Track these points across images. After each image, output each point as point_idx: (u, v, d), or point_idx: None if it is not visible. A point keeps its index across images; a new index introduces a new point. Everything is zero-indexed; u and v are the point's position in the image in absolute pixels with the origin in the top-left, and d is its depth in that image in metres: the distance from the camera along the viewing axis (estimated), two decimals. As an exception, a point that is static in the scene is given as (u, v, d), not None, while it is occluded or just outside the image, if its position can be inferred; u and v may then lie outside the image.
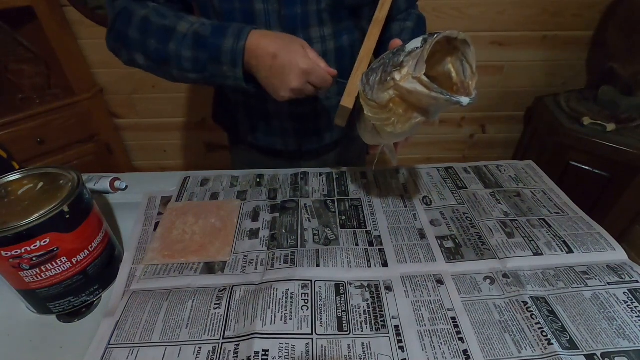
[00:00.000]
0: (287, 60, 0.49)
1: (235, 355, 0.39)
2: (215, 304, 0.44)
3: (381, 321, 0.42)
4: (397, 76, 0.38)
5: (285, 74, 0.49)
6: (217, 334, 0.41)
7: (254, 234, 0.55)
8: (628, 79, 1.23)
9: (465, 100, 0.36)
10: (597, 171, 1.22)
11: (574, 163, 1.25)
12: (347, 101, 0.50)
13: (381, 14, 0.55)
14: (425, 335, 0.41)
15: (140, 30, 0.54)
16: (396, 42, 0.50)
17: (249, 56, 0.50)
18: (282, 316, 0.42)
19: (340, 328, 0.42)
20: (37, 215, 0.39)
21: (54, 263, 0.42)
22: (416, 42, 0.38)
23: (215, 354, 0.40)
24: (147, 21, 0.54)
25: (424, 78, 0.36)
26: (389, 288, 0.46)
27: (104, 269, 0.48)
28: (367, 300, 0.45)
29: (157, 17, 0.54)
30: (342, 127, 0.55)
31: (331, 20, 0.60)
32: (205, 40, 0.51)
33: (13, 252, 0.39)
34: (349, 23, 0.63)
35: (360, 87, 0.46)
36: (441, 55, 0.40)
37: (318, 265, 0.49)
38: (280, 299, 0.44)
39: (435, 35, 0.36)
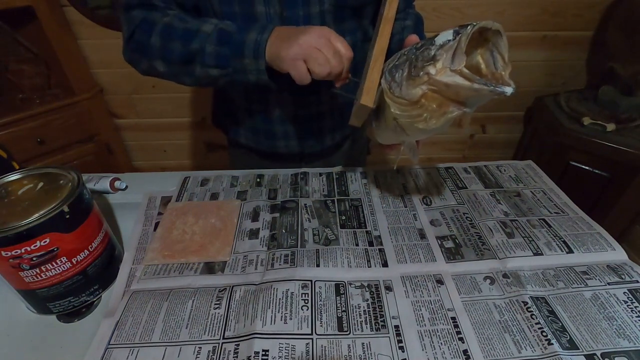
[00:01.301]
0: (304, 28, 0.48)
1: (235, 355, 0.39)
2: (215, 304, 0.44)
3: (381, 321, 0.42)
4: (432, 70, 0.37)
5: (300, 32, 0.48)
6: (217, 334, 0.41)
7: (254, 234, 0.55)
8: (628, 79, 1.23)
9: (509, 89, 0.35)
10: (597, 171, 1.22)
11: (574, 163, 1.25)
12: (367, 99, 0.47)
13: (390, 12, 0.54)
14: (425, 335, 0.41)
15: (162, 36, 0.55)
16: (413, 39, 0.50)
17: (270, 44, 0.50)
18: (282, 316, 0.42)
19: (340, 328, 0.42)
20: (37, 215, 0.39)
21: (54, 263, 0.42)
22: (447, 35, 0.37)
23: (215, 354, 0.40)
24: (170, 26, 0.55)
25: (465, 70, 0.35)
26: (389, 288, 0.46)
27: (104, 269, 0.48)
28: (367, 300, 0.45)
29: (180, 22, 0.55)
30: (357, 127, 0.54)
31: (334, 21, 0.60)
32: (230, 36, 0.51)
33: (13, 252, 0.39)
34: (352, 23, 0.63)
35: (385, 84, 0.45)
36: (468, 48, 0.39)
37: (318, 265, 0.49)
38: (280, 299, 0.44)
39: (470, 26, 0.35)
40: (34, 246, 0.39)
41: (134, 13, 0.58)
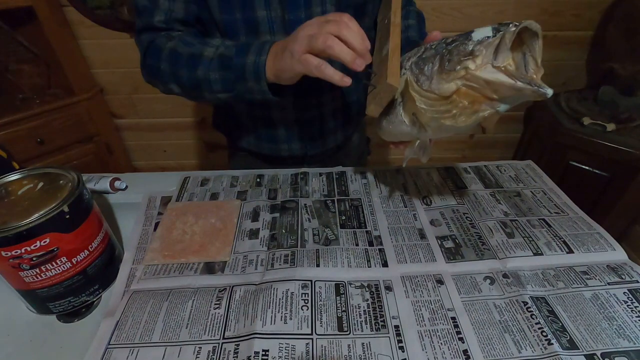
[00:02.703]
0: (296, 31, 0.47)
1: (235, 355, 0.39)
2: (215, 304, 0.44)
3: (381, 321, 0.42)
4: (471, 65, 0.37)
5: (294, 34, 0.47)
6: (217, 334, 0.41)
7: (254, 234, 0.55)
8: (628, 79, 1.23)
9: (550, 91, 0.34)
10: (597, 171, 1.21)
11: (574, 163, 1.25)
12: (393, 80, 0.43)
13: (397, 19, 0.54)
14: (425, 335, 0.41)
15: (170, 62, 0.56)
16: (436, 35, 0.49)
17: (269, 60, 0.49)
18: (282, 316, 0.42)
19: (340, 328, 0.42)
20: (37, 215, 0.39)
21: (54, 263, 0.42)
22: (484, 32, 0.37)
23: (215, 354, 0.40)
24: (175, 52, 0.56)
25: (510, 67, 0.35)
26: (389, 288, 0.46)
27: (104, 269, 0.48)
28: (367, 300, 0.45)
29: (184, 46, 0.56)
30: (375, 116, 0.50)
31: None
32: (230, 60, 0.52)
33: (13, 252, 0.39)
34: None
35: (411, 76, 0.43)
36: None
37: (318, 265, 0.49)
38: (280, 299, 0.44)
39: (512, 24, 0.34)
40: (34, 246, 0.39)
41: (142, 37, 0.59)
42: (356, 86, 0.72)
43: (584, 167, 1.23)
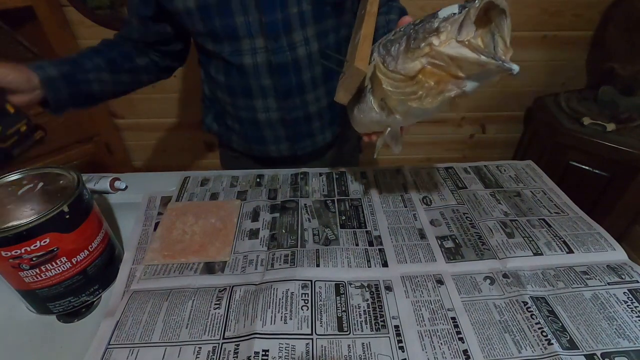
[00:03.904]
0: None
1: (235, 355, 0.39)
2: (215, 304, 0.44)
3: (381, 321, 0.42)
4: (435, 41, 0.35)
5: None
6: (217, 334, 0.41)
7: (254, 234, 0.55)
8: (628, 79, 1.23)
9: (516, 67, 0.33)
10: (597, 171, 1.21)
11: (574, 163, 1.24)
12: (362, 64, 0.42)
13: (373, 8, 0.53)
14: (425, 335, 0.41)
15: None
16: (406, 19, 0.49)
17: None
18: (282, 316, 0.42)
19: (340, 328, 0.42)
20: (37, 215, 0.39)
21: (53, 263, 0.42)
22: (451, 9, 0.36)
23: (215, 354, 0.40)
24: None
25: (473, 41, 0.34)
26: (389, 288, 0.46)
27: (104, 269, 0.48)
28: (367, 300, 0.45)
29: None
30: (344, 104, 0.50)
31: (314, 21, 0.60)
32: None
33: (13, 252, 0.39)
34: (333, 21, 0.63)
35: (378, 58, 0.42)
36: None
37: (318, 265, 0.49)
38: (280, 299, 0.44)
39: (478, 0, 0.33)
40: (34, 246, 0.39)
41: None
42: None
43: (584, 167, 1.23)
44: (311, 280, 0.47)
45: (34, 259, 0.40)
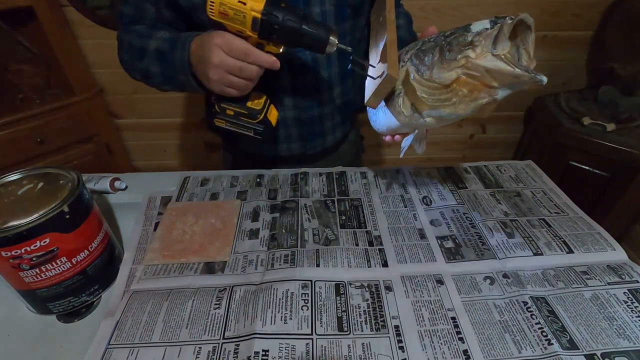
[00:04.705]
0: (204, 55, 0.49)
1: (235, 355, 0.39)
2: (215, 304, 0.44)
3: (381, 321, 0.42)
4: (471, 54, 0.39)
5: (205, 66, 0.49)
6: (217, 334, 0.41)
7: (254, 234, 0.55)
8: (628, 79, 1.23)
9: (545, 78, 0.36)
10: (597, 171, 1.22)
11: (574, 163, 1.25)
12: (393, 71, 0.45)
13: (392, 15, 0.55)
14: (425, 335, 0.41)
15: (129, 54, 0.60)
16: (432, 30, 0.50)
17: (192, 60, 0.52)
18: (282, 316, 0.42)
19: (340, 328, 0.42)
20: (37, 215, 0.39)
21: (54, 263, 0.42)
22: (483, 24, 0.39)
23: (215, 354, 0.40)
24: (130, 45, 0.59)
25: (508, 55, 0.37)
26: (389, 288, 0.46)
27: (104, 269, 0.48)
28: (367, 300, 0.45)
29: (137, 39, 0.58)
30: (373, 107, 0.52)
31: (335, 20, 0.61)
32: (165, 55, 0.54)
33: (13, 252, 0.39)
34: (351, 23, 0.64)
35: (411, 67, 0.45)
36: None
37: (318, 265, 0.49)
38: (280, 299, 0.44)
39: (509, 18, 0.38)
40: (34, 246, 0.39)
41: (118, 34, 0.62)
42: (352, 84, 0.72)
43: (584, 167, 1.23)
44: (311, 280, 0.47)
45: (34, 259, 0.40)
